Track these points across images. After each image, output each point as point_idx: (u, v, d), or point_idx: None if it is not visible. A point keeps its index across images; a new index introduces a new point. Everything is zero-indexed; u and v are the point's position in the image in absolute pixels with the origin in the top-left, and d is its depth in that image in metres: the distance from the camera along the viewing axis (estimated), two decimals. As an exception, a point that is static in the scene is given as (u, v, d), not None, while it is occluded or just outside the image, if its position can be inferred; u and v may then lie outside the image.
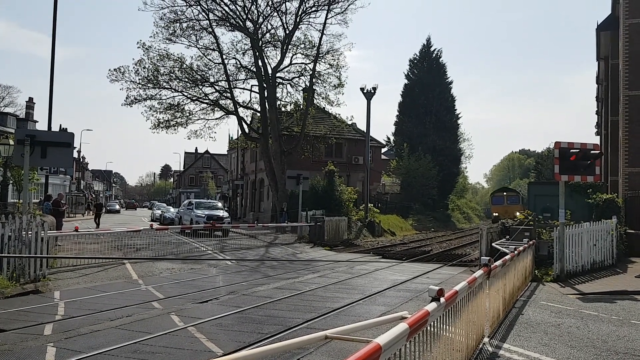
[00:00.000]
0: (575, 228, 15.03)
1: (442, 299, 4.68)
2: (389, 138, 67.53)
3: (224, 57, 35.25)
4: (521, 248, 11.60)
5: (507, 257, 9.41)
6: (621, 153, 23.01)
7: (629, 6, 22.88)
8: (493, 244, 16.18)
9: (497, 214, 41.14)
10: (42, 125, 53.72)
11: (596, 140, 40.00)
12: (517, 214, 31.41)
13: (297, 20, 34.47)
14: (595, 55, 32.72)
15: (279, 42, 35.46)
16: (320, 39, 34.87)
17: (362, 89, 35.05)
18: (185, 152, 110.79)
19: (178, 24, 33.84)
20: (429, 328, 4.37)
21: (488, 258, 7.39)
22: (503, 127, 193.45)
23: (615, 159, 25.26)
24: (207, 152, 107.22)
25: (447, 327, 5.10)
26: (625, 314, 10.27)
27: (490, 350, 7.21)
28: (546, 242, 15.83)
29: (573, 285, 13.43)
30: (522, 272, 11.97)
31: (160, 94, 34.21)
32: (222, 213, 32.56)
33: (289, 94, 38.02)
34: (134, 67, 33.28)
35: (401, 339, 3.55)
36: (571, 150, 14.00)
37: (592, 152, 14.07)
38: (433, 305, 4.47)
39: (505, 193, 46.34)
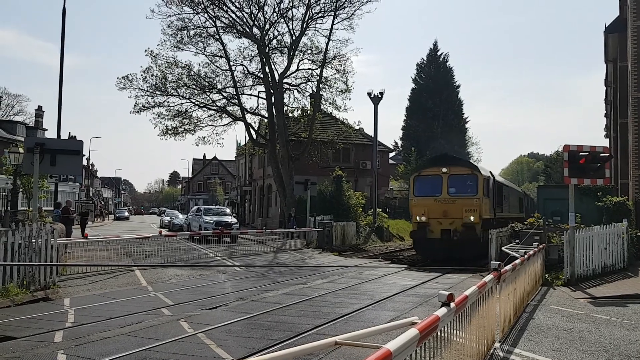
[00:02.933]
0: (585, 231, 14.93)
1: (452, 304, 4.65)
2: (396, 143, 67.49)
3: (231, 63, 35.42)
4: (531, 252, 11.53)
5: (517, 261, 9.36)
6: (631, 155, 22.86)
7: (637, 8, 22.77)
8: (503, 248, 16.08)
9: (422, 218, 20.85)
10: (51, 133, 54.16)
11: (605, 142, 39.79)
12: (471, 218, 19.68)
13: (304, 26, 34.58)
14: (604, 58, 32.56)
15: (285, 48, 35.57)
16: (327, 44, 34.98)
17: (369, 94, 35.06)
18: (194, 159, 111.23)
19: (185, 32, 34.07)
20: (439, 333, 4.34)
21: (498, 262, 7.34)
22: (511, 131, 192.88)
23: (625, 162, 25.08)
24: (215, 158, 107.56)
25: (458, 332, 5.07)
26: (638, 317, 10.16)
27: (501, 355, 7.15)
28: (556, 245, 15.72)
29: (584, 289, 13.32)
30: (532, 276, 11.90)
31: (168, 101, 34.40)
32: (231, 219, 32.61)
33: (296, 100, 38.11)
34: (142, 75, 33.51)
35: (411, 344, 3.52)
36: (580, 153, 13.92)
37: (601, 154, 13.98)
38: (443, 310, 4.44)
39: (444, 170, 20.98)
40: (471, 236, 19.47)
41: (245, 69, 36.73)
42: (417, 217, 20.93)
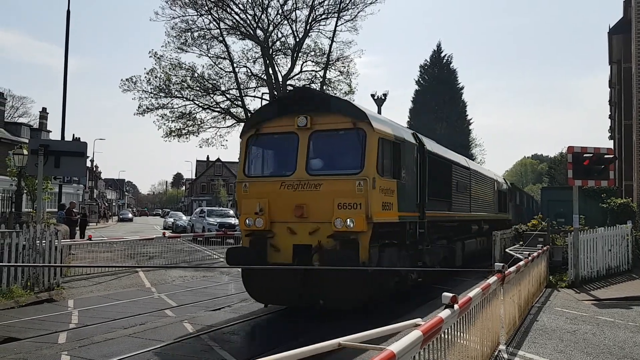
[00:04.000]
0: (589, 233, 14.89)
1: (455, 306, 4.64)
2: (400, 144, 67.42)
3: (235, 65, 35.45)
4: (535, 254, 11.49)
5: (521, 263, 9.34)
6: (635, 157, 22.79)
7: (641, 9, 22.69)
8: (507, 250, 16.06)
9: (257, 222, 9.93)
10: (55, 135, 54.26)
11: (610, 144, 39.66)
12: (348, 222, 9.27)
13: (307, 28, 34.64)
14: (608, 59, 32.48)
15: (289, 50, 35.62)
16: (330, 46, 35.01)
17: (372, 96, 35.04)
18: (197, 160, 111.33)
19: (189, 34, 34.12)
20: (443, 335, 4.33)
21: (502, 264, 7.32)
22: (515, 132, 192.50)
23: (629, 163, 25.00)
24: (218, 160, 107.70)
25: (462, 334, 5.06)
26: (642, 320, 10.13)
27: (506, 357, 7.13)
28: (560, 247, 15.68)
29: (588, 291, 13.28)
30: (536, 278, 11.87)
31: (172, 103, 34.45)
32: (234, 221, 32.63)
33: (299, 102, 38.09)
34: (145, 77, 33.56)
35: (415, 346, 3.52)
36: (584, 155, 13.88)
37: (606, 156, 13.94)
38: (447, 312, 4.44)
39: (301, 121, 9.98)
40: (347, 259, 9.04)
41: (249, 70, 36.78)
42: (247, 220, 10.05)
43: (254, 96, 38.38)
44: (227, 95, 35.95)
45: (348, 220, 9.26)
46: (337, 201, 9.38)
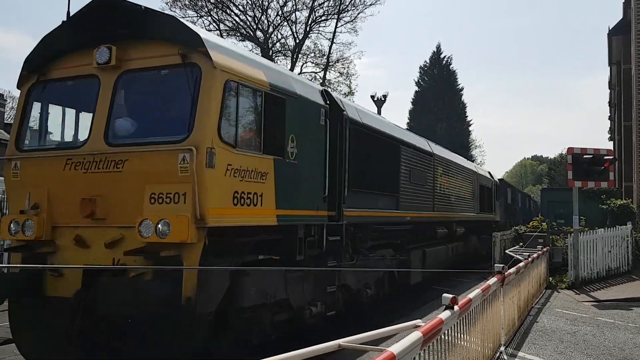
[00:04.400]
0: (589, 234, 14.88)
1: (455, 307, 4.64)
2: (399, 146, 67.32)
3: (235, 66, 35.57)
4: (535, 255, 11.49)
5: (521, 264, 9.33)
6: (635, 158, 22.80)
7: (641, 10, 22.71)
8: (506, 251, 16.06)
9: (27, 229, 6.35)
10: (55, 136, 54.23)
11: (609, 145, 39.70)
12: (159, 226, 5.54)
13: (307, 29, 34.76)
14: (607, 60, 32.52)
15: (289, 52, 35.75)
16: (330, 47, 35.16)
17: (372, 97, 35.07)
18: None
19: (189, 35, 34.23)
20: (443, 336, 4.33)
21: (502, 265, 7.32)
22: (515, 133, 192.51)
23: (629, 164, 25.01)
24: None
25: (462, 335, 5.05)
26: (642, 321, 10.12)
27: (506, 358, 7.13)
28: (560, 248, 15.68)
29: (588, 292, 13.28)
30: (536, 279, 11.86)
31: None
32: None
33: (299, 103, 38.21)
34: (145, 78, 33.65)
35: (415, 347, 3.52)
36: (584, 156, 13.88)
37: (605, 157, 13.94)
38: (447, 313, 4.43)
39: (100, 55, 6.14)
40: (150, 298, 5.41)
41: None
42: (12, 224, 6.41)
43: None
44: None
45: (161, 223, 5.55)
46: (150, 190, 5.74)
